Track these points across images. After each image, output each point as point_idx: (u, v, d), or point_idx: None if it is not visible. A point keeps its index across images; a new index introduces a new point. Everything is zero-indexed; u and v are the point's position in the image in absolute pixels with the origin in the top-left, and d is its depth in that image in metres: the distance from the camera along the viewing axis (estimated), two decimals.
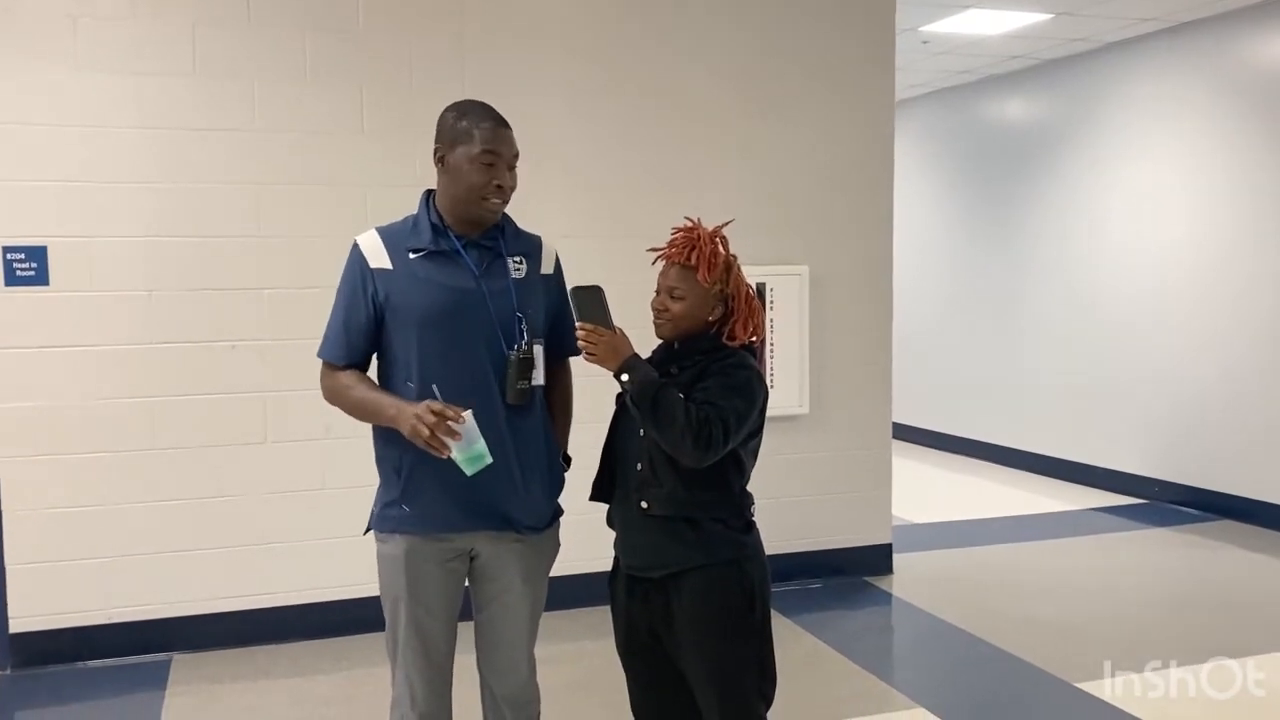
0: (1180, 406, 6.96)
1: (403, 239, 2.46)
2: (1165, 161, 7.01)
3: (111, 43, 4.19)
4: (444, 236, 2.44)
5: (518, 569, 2.53)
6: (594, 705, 3.74)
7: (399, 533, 2.48)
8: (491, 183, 2.39)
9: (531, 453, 2.49)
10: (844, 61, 5.23)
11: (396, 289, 2.41)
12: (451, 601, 2.54)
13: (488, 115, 2.43)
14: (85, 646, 4.27)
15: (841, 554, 5.35)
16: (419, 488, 2.44)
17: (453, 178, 2.42)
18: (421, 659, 2.52)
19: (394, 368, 2.46)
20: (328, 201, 4.45)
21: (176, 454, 4.33)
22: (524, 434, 2.46)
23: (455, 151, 2.40)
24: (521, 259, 2.51)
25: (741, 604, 2.39)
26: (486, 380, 2.39)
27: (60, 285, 4.16)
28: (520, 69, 4.63)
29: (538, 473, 2.51)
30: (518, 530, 2.49)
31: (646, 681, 2.56)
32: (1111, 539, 6.35)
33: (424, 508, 2.45)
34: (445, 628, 2.54)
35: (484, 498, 2.43)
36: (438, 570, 2.48)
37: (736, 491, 2.44)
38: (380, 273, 2.43)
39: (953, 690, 4.15)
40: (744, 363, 2.40)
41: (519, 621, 2.58)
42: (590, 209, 4.81)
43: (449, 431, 2.24)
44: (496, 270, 2.46)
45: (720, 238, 2.46)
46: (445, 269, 2.42)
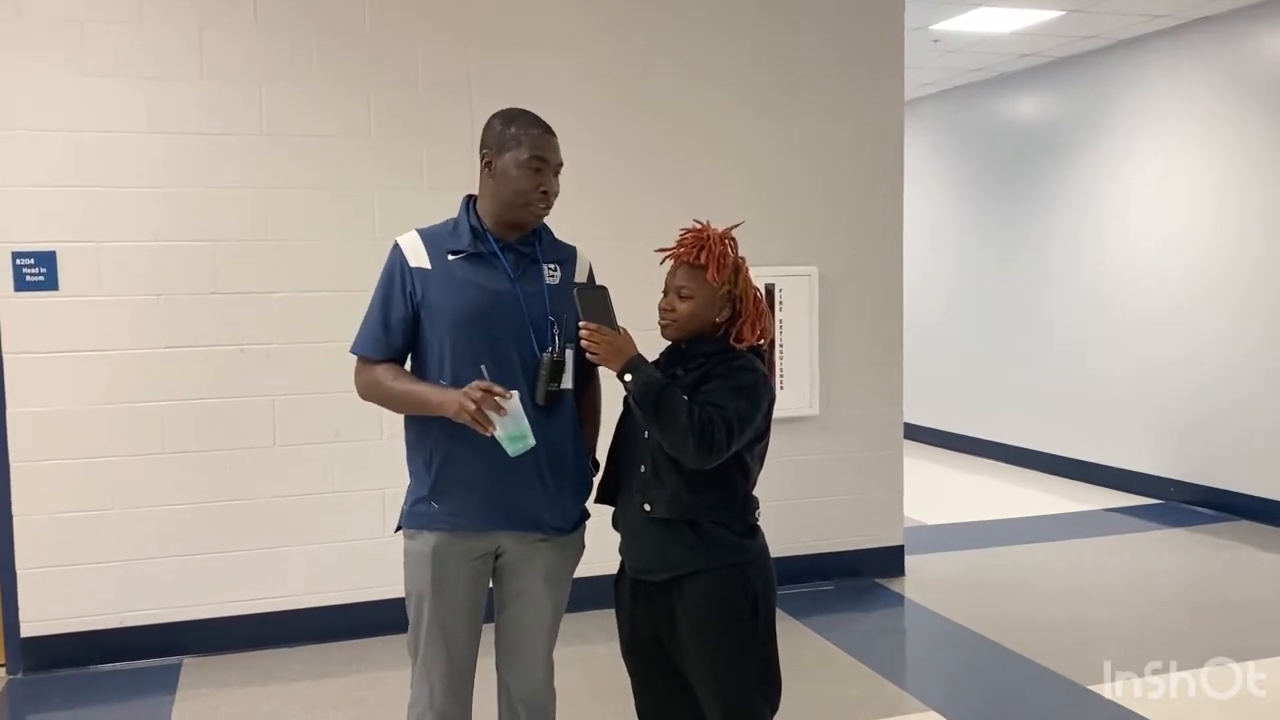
0: (1195, 405, 6.90)
1: (443, 240, 2.50)
2: (1177, 159, 6.96)
3: (119, 48, 4.20)
4: (483, 239, 2.49)
5: (540, 568, 2.55)
6: (605, 709, 3.72)
7: (427, 529, 2.51)
8: (538, 188, 2.45)
9: (560, 455, 2.51)
10: (853, 60, 5.20)
11: (433, 288, 2.46)
12: (475, 601, 2.55)
13: (536, 123, 2.49)
14: (96, 650, 4.28)
15: (852, 556, 5.32)
16: (448, 485, 2.47)
17: (499, 182, 2.46)
18: (443, 658, 2.53)
19: (427, 368, 2.50)
20: (335, 205, 4.45)
21: (186, 458, 4.34)
22: (553, 436, 2.49)
23: (503, 157, 2.45)
24: (556, 266, 2.56)
25: (744, 609, 2.37)
26: (517, 381, 2.42)
27: (69, 290, 4.18)
28: (526, 73, 4.62)
29: (565, 475, 2.53)
30: (543, 531, 2.52)
31: (650, 684, 2.55)
32: (1126, 540, 6.30)
33: (452, 505, 2.47)
34: (468, 628, 2.55)
35: (512, 498, 2.46)
36: (463, 569, 2.50)
37: (740, 495, 2.41)
38: (419, 272, 2.47)
39: (965, 694, 4.11)
40: (750, 365, 2.38)
41: (539, 622, 2.59)
42: (596, 212, 4.78)
43: (495, 407, 2.28)
44: (532, 275, 2.51)
45: (730, 239, 2.44)
46: (482, 271, 2.47)
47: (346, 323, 4.24)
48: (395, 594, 2.66)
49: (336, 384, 4.41)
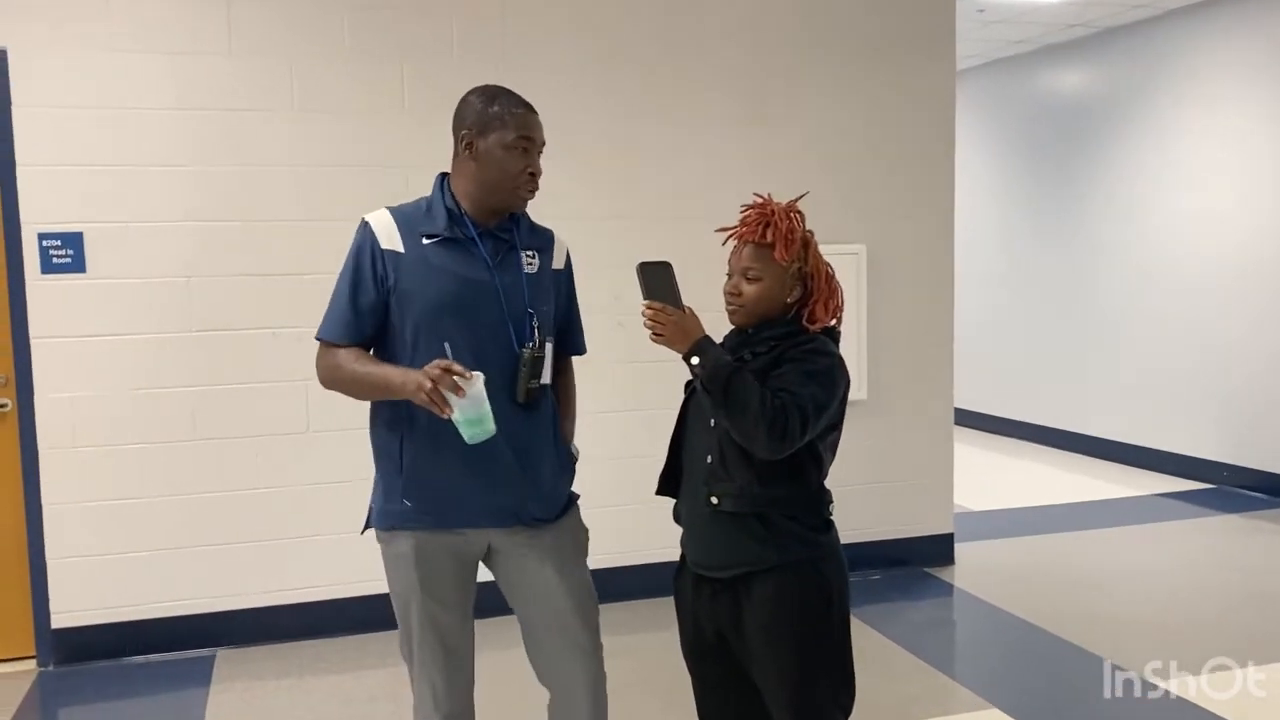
0: (1249, 387, 6.69)
1: (416, 222, 2.35)
2: (1231, 132, 6.71)
3: (145, 22, 4.06)
4: (460, 224, 2.34)
5: (545, 560, 2.42)
6: (652, 702, 3.59)
7: (401, 529, 2.38)
8: (526, 169, 2.32)
9: (537, 447, 2.39)
10: (902, 32, 5.01)
11: (406, 274, 2.31)
12: (466, 593, 2.45)
13: (519, 101, 2.36)
14: (128, 642, 4.18)
15: (901, 544, 5.16)
16: (421, 480, 2.35)
17: (483, 164, 2.32)
18: (440, 656, 2.42)
19: (395, 358, 2.34)
20: (368, 183, 4.30)
21: (218, 444, 4.23)
22: (530, 429, 2.37)
23: (487, 138, 2.31)
24: (534, 253, 2.43)
25: (818, 608, 2.21)
26: (491, 375, 2.25)
27: (97, 272, 4.06)
28: (563, 42, 4.45)
29: (544, 465, 2.41)
30: (526, 523, 2.39)
31: (714, 687, 2.39)
32: (1180, 526, 6.11)
33: (427, 502, 2.35)
34: (461, 620, 2.44)
35: (489, 493, 2.34)
36: (450, 562, 2.39)
37: (814, 487, 2.25)
38: (390, 255, 2.32)
39: (1022, 688, 3.93)
40: (825, 348, 2.21)
41: (563, 614, 2.45)
42: (643, 189, 4.64)
43: (453, 387, 2.13)
44: (510, 263, 2.38)
45: (796, 212, 2.27)
46: (459, 258, 2.33)
47: None
48: None
49: None
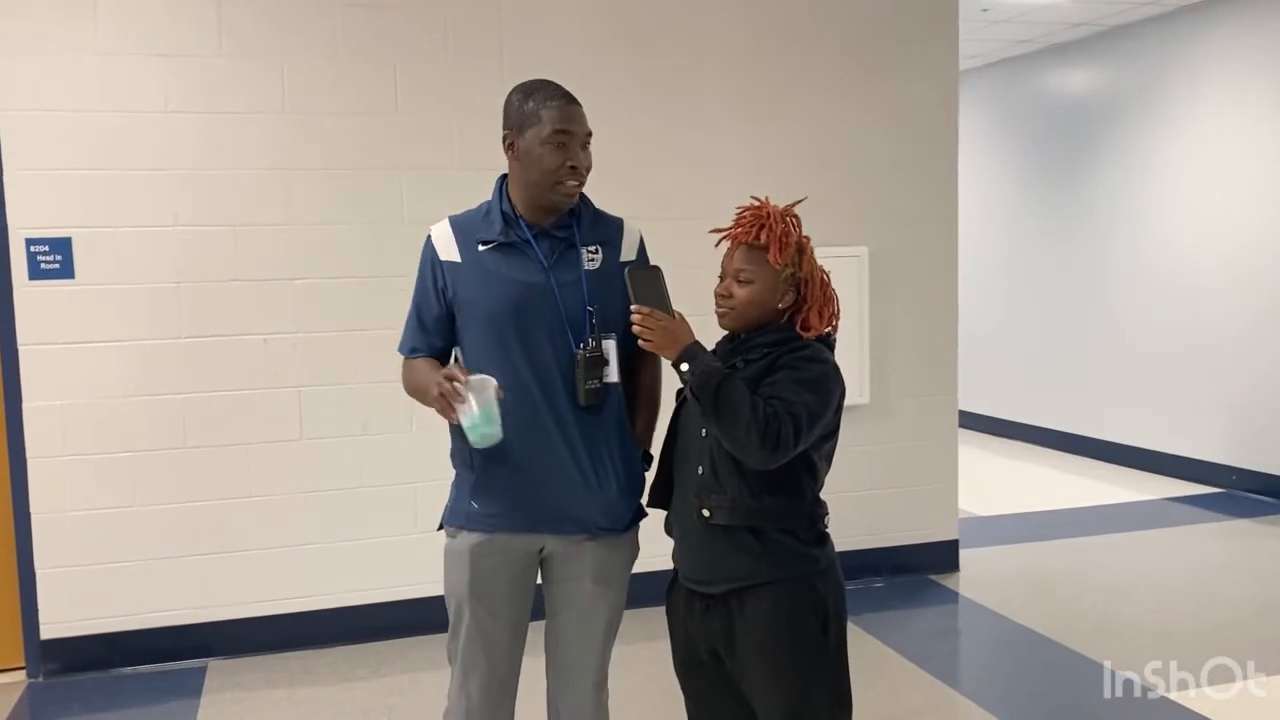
0: (1258, 390, 6.59)
1: (474, 229, 2.35)
2: (1241, 131, 6.61)
3: (133, 23, 4.00)
4: (514, 226, 2.32)
5: (587, 569, 2.38)
6: (645, 715, 3.50)
7: (465, 529, 2.37)
8: (565, 164, 2.26)
9: (605, 453, 2.33)
10: (904, 31, 4.93)
11: (464, 283, 2.32)
12: (518, 606, 2.39)
13: (556, 93, 2.29)
14: (118, 653, 4.12)
15: (905, 551, 5.08)
16: (489, 484, 2.33)
17: (525, 163, 2.29)
18: (482, 664, 2.37)
19: (469, 364, 2.32)
20: (362, 186, 4.25)
21: (208, 452, 4.16)
22: (596, 434, 2.32)
23: (525, 136, 2.27)
24: (598, 247, 2.37)
25: (813, 625, 2.14)
26: (552, 379, 2.27)
27: (86, 278, 4.00)
28: (560, 40, 4.38)
29: (612, 473, 2.35)
30: (590, 532, 2.35)
31: (707, 704, 2.33)
32: (1188, 531, 6.02)
33: (492, 505, 2.34)
34: (510, 632, 2.39)
35: (554, 499, 2.32)
36: (503, 570, 2.35)
37: (809, 499, 2.18)
38: (449, 265, 2.34)
39: (1028, 700, 3.86)
40: (819, 355, 2.14)
41: (588, 633, 2.43)
42: (635, 188, 4.56)
43: (452, 393, 2.11)
44: (567, 261, 2.33)
45: (792, 216, 2.21)
46: (514, 261, 2.30)
47: (375, 311, 4.14)
48: (426, 593, 2.50)
49: (364, 375, 4.26)
